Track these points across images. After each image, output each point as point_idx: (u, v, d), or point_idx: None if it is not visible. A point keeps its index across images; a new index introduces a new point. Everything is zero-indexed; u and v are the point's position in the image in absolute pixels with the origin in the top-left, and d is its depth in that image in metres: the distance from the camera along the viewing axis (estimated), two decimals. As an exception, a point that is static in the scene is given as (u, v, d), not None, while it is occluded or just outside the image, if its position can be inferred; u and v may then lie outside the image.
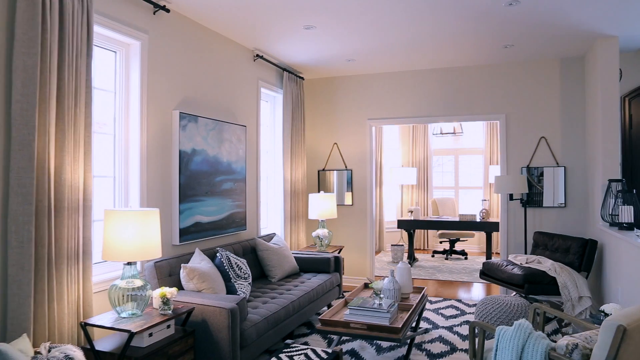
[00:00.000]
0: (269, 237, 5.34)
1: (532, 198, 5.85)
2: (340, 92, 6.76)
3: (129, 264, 2.87)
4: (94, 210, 3.31)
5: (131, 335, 2.64)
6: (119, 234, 2.78)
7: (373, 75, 6.60)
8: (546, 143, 5.86)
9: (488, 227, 7.46)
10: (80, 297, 2.86)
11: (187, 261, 3.86)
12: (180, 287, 3.63)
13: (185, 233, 4.14)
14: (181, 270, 3.55)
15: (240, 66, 5.19)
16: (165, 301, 2.94)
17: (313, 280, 4.79)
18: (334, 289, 5.12)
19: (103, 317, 2.85)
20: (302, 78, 6.47)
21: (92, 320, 2.78)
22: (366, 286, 4.79)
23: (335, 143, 6.79)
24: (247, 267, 4.14)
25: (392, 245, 8.48)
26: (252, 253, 4.88)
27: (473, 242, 9.53)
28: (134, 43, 3.70)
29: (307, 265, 5.22)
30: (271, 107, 6.21)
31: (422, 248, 9.84)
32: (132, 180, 3.72)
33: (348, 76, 6.71)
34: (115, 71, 3.70)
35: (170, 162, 4.06)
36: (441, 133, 9.00)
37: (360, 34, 4.84)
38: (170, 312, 2.97)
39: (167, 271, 3.62)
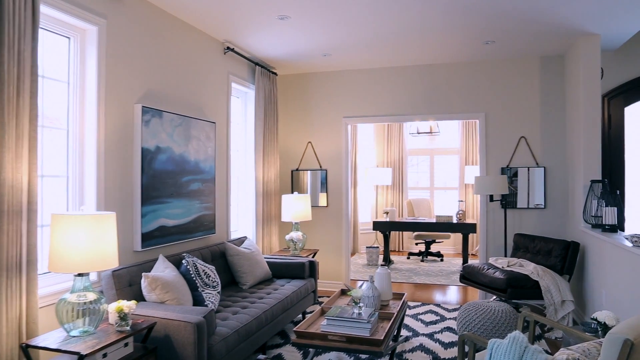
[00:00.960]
0: (240, 240, 5.03)
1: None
2: (314, 89, 6.49)
3: (80, 275, 2.54)
4: (41, 215, 2.96)
5: (81, 357, 2.30)
6: (68, 241, 2.44)
7: (349, 72, 6.36)
8: (526, 143, 5.73)
9: (465, 229, 7.31)
10: (23, 313, 2.51)
11: (150, 269, 3.52)
12: (141, 298, 3.30)
13: (148, 238, 3.80)
14: (142, 280, 3.22)
15: (210, 59, 4.87)
16: (123, 316, 2.61)
17: (287, 287, 4.51)
18: (309, 296, 4.85)
19: (49, 336, 2.50)
20: (275, 74, 6.18)
21: (35, 342, 2.43)
22: (343, 292, 4.53)
23: (310, 142, 6.52)
24: (216, 274, 3.83)
25: (367, 247, 8.26)
26: (221, 258, 4.57)
27: (448, 244, 9.41)
28: (90, 28, 3.34)
29: (280, 271, 4.94)
30: (242, 103, 5.89)
31: (397, 250, 9.67)
32: (88, 181, 3.37)
33: (323, 72, 6.45)
34: (69, 59, 3.34)
35: (131, 160, 3.71)
36: (418, 132, 8.85)
37: (336, 26, 4.59)
38: (128, 328, 2.64)
39: (127, 280, 3.28)
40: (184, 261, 3.60)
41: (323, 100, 6.45)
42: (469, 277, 5.11)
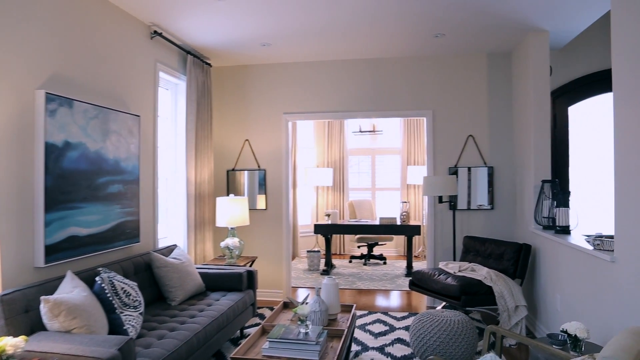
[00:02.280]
0: (169, 249, 4.46)
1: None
2: (253, 83, 6.00)
3: (-54, 306, 1.93)
4: None
5: (-58, 420, 1.72)
6: None
7: (290, 65, 5.92)
8: (474, 142, 5.54)
9: (409, 231, 7.09)
10: None
11: (54, 290, 2.90)
12: (41, 327, 2.69)
13: (55, 251, 3.17)
14: (41, 305, 2.62)
15: (134, 43, 4.26)
16: (6, 358, 2.03)
17: (222, 302, 4.00)
18: (247, 309, 4.36)
19: None
20: (210, 64, 5.63)
21: None
22: (286, 306, 4.09)
23: (247, 140, 6.02)
24: (138, 291, 3.26)
25: (307, 251, 7.86)
26: (146, 271, 3.98)
27: (391, 246, 9.18)
28: (-28, -7, 2.70)
29: (215, 283, 4.41)
30: (172, 95, 5.30)
31: (338, 253, 9.33)
32: (-29, 182, 2.71)
33: (262, 65, 5.97)
34: (-54, 31, 2.67)
35: (31, 158, 3.07)
36: (360, 131, 8.54)
37: (277, 11, 4.14)
38: (15, 372, 2.06)
39: (22, 306, 2.66)
40: (98, 278, 3.02)
41: (262, 94, 5.98)
42: (419, 283, 4.82)
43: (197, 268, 4.55)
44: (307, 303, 3.77)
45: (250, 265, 5.22)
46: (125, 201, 4.00)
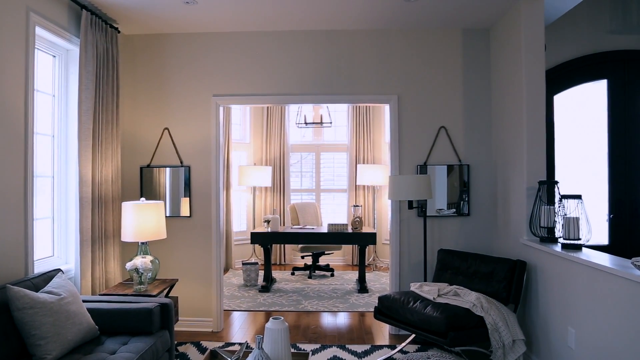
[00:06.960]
0: (47, 277, 3.13)
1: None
2: (174, 57, 4.73)
3: None
4: None
5: None
6: None
7: (222, 35, 4.71)
8: (447, 135, 4.60)
9: (364, 240, 6.08)
10: None
11: None
12: None
13: None
14: None
15: (-12, -21, 2.92)
16: None
17: (121, 356, 2.75)
18: (161, 359, 3.14)
19: None
20: (117, 29, 4.32)
21: None
22: (214, 356, 2.92)
23: (167, 128, 4.74)
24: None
25: (243, 263, 6.67)
26: (1, 315, 2.66)
27: (338, 254, 8.16)
28: None
29: (114, 322, 3.14)
30: (61, 64, 3.95)
31: (278, 263, 8.18)
32: None
33: (186, 34, 4.72)
34: None
35: None
36: (306, 123, 7.42)
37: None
38: None
39: None
40: None
41: (186, 72, 4.72)
42: (388, 312, 3.78)
43: (90, 302, 3.26)
44: (245, 353, 2.64)
45: (168, 293, 3.98)
46: (-30, 210, 2.66)
